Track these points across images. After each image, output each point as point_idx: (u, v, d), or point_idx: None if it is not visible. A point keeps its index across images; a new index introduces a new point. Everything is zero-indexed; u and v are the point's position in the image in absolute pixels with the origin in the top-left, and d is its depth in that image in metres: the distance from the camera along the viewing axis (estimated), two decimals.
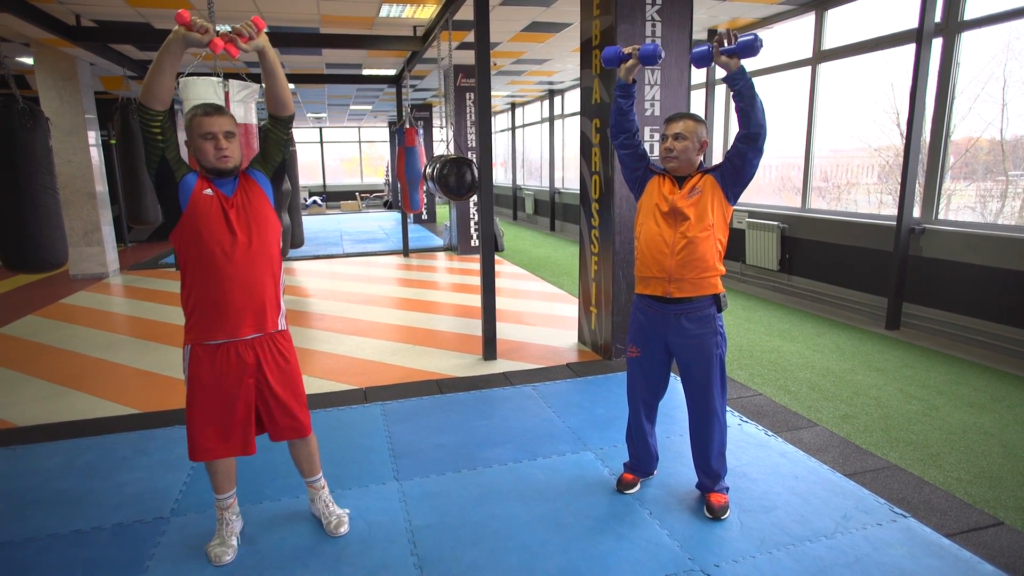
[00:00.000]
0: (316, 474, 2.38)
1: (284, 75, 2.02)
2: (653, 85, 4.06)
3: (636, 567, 2.12)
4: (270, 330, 2.12)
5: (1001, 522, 2.34)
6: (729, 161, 2.26)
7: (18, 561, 2.20)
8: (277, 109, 2.07)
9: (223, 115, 2.00)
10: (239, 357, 2.07)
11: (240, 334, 2.06)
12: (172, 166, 1.97)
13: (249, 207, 2.05)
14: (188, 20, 1.77)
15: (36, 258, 3.92)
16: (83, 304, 6.40)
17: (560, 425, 3.26)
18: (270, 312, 2.11)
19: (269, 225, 2.09)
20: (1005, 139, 4.67)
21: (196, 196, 1.98)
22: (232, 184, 2.06)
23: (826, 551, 2.18)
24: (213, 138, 1.98)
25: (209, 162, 2.00)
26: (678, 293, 2.29)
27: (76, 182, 7.50)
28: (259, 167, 2.13)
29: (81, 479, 2.77)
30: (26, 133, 3.81)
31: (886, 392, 3.72)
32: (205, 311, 2.02)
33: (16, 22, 5.51)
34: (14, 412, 3.57)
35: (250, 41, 1.87)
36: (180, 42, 1.79)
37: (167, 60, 1.82)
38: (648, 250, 2.33)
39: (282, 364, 2.16)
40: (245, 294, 2.03)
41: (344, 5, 5.55)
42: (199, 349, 2.06)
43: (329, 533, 2.33)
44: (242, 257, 2.01)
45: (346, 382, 3.96)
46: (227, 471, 2.22)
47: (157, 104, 1.88)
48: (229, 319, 2.03)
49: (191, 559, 2.20)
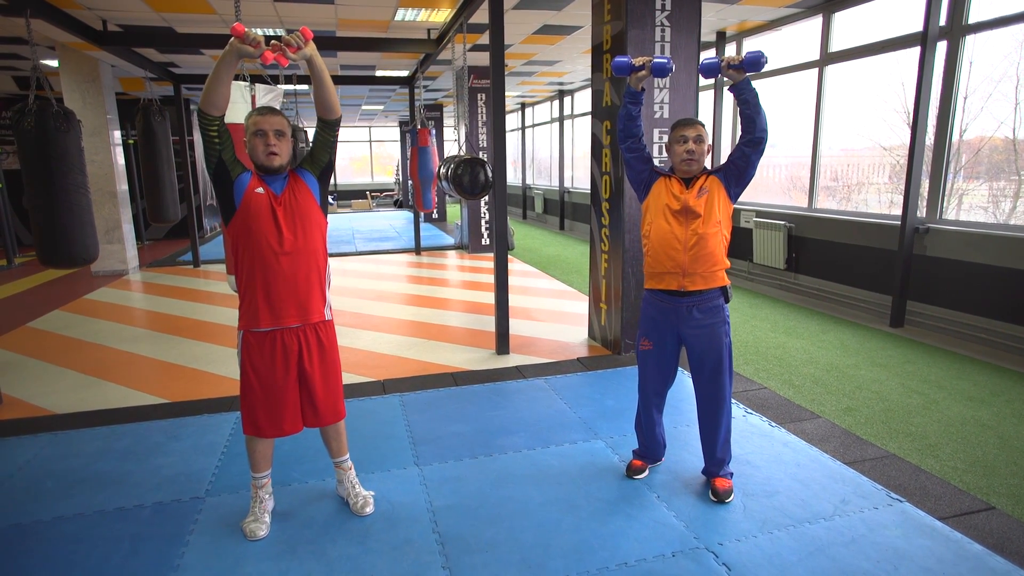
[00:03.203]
0: (344, 455, 2.53)
1: (331, 81, 2.17)
2: (662, 89, 4.19)
3: (644, 545, 2.26)
4: (314, 320, 2.27)
5: (992, 507, 2.47)
6: (733, 163, 2.43)
7: (71, 534, 2.37)
8: (325, 113, 2.22)
9: (275, 115, 2.18)
10: (284, 344, 2.23)
11: (285, 323, 2.21)
12: (228, 166, 2.14)
13: (296, 205, 2.20)
14: (243, 33, 1.93)
15: (69, 254, 4.11)
16: (106, 300, 6.61)
17: (572, 415, 3.40)
18: (314, 303, 2.26)
19: (314, 222, 2.24)
20: (1018, 138, 4.73)
21: (249, 194, 2.15)
22: (282, 182, 2.22)
23: (824, 532, 2.31)
24: (263, 135, 2.14)
25: (259, 158, 2.17)
26: (691, 286, 2.44)
27: (98, 181, 7.70)
28: (308, 167, 2.28)
29: (120, 462, 2.94)
30: (60, 134, 4.00)
31: (888, 387, 3.84)
32: (254, 300, 2.19)
33: (46, 27, 5.71)
34: (51, 401, 3.75)
35: (298, 51, 2.01)
36: (235, 53, 1.95)
37: (223, 70, 1.98)
38: (661, 247, 2.47)
39: (323, 352, 2.32)
40: (290, 286, 2.19)
41: (361, 9, 5.71)
42: (249, 336, 2.23)
43: (356, 513, 2.48)
44: (288, 251, 2.17)
45: (365, 374, 4.11)
46: (266, 452, 2.39)
47: (215, 110, 2.05)
48: (274, 309, 2.19)
49: (228, 534, 2.36)
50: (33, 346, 4.91)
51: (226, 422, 3.38)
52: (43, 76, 4.09)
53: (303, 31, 2.01)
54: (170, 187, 6.96)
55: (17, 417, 3.51)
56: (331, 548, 2.27)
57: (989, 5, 4.54)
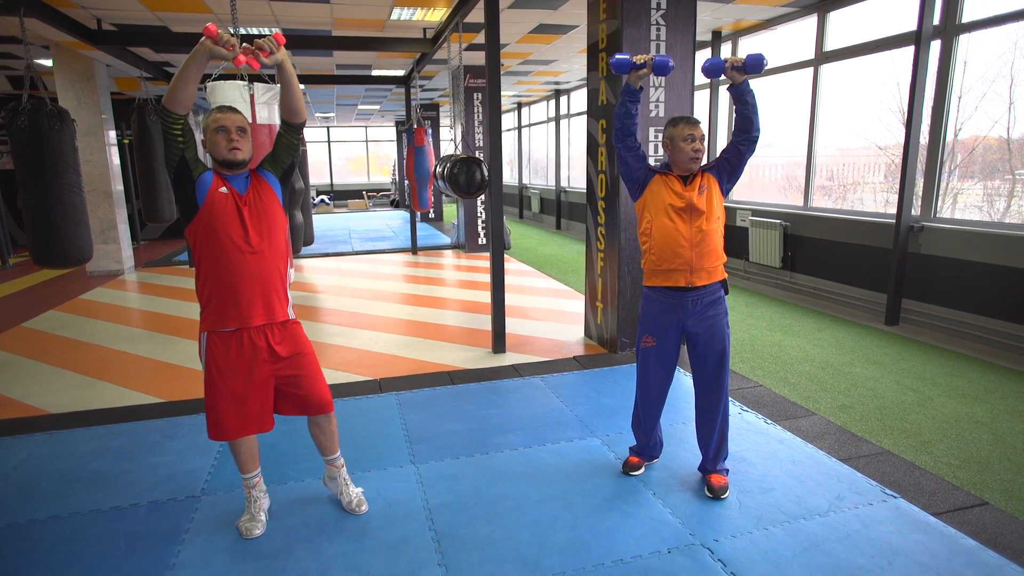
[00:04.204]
0: (335, 452, 2.52)
1: (299, 86, 2.19)
2: (658, 87, 4.20)
3: (641, 541, 2.26)
4: (279, 319, 2.26)
5: (986, 502, 2.48)
6: (726, 160, 2.48)
7: (67, 533, 2.36)
8: (290, 116, 2.24)
9: (236, 113, 2.17)
10: (252, 343, 2.22)
11: (251, 322, 2.20)
12: (190, 164, 2.11)
13: (260, 204, 2.20)
14: (216, 34, 1.92)
15: (63, 254, 4.09)
16: (102, 300, 6.59)
17: (568, 413, 3.41)
18: (280, 302, 2.26)
19: (278, 221, 2.25)
20: (1012, 137, 4.75)
21: (212, 194, 2.13)
22: (244, 182, 2.21)
23: (819, 528, 2.32)
24: (226, 131, 2.14)
25: (221, 154, 2.15)
26: (698, 281, 2.47)
27: (93, 181, 7.68)
28: (269, 167, 2.28)
29: (116, 461, 2.94)
30: (54, 134, 3.99)
31: (883, 384, 3.85)
32: (219, 300, 2.17)
33: (40, 26, 5.69)
34: (46, 400, 3.74)
35: (271, 56, 2.04)
36: (206, 53, 1.95)
37: (193, 69, 1.96)
38: (666, 245, 2.48)
39: (294, 346, 2.30)
40: (257, 286, 2.18)
41: (356, 8, 5.71)
42: (214, 336, 2.21)
43: (350, 511, 2.48)
44: (255, 251, 2.17)
45: (361, 373, 4.11)
46: (250, 451, 2.37)
47: (179, 108, 2.03)
48: (241, 308, 2.17)
49: (224, 533, 2.36)
50: (28, 346, 4.89)
51: None
52: (37, 76, 4.07)
53: (276, 36, 2.03)
54: (166, 187, 6.93)
55: (11, 417, 3.49)
56: (327, 546, 2.27)
57: (982, 4, 4.56)
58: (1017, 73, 4.57)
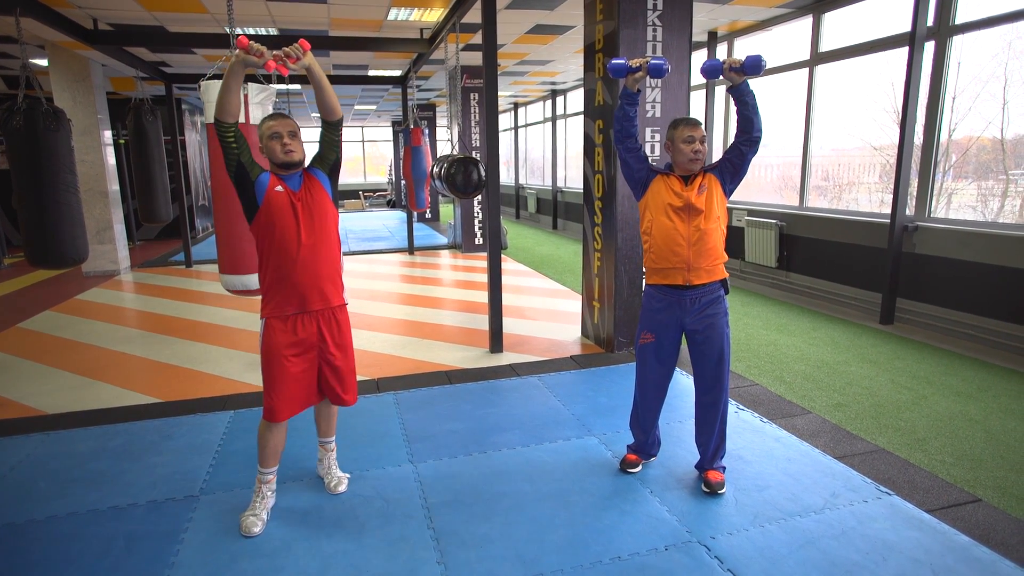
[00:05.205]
0: (332, 435, 2.70)
1: (331, 86, 2.34)
2: (654, 88, 4.22)
3: (638, 539, 2.28)
4: (334, 304, 2.44)
5: (979, 499, 2.51)
6: (729, 160, 2.49)
7: (64, 533, 2.36)
8: (327, 115, 2.40)
9: (286, 118, 2.35)
10: (305, 328, 2.38)
11: (309, 307, 2.37)
12: (247, 167, 2.28)
13: (312, 200, 2.37)
14: (247, 45, 2.10)
15: (59, 254, 4.08)
16: (98, 300, 6.57)
17: (565, 412, 3.42)
18: (335, 289, 2.44)
19: (328, 215, 2.42)
20: (1006, 138, 4.79)
21: (270, 193, 2.31)
22: (298, 180, 2.38)
23: (815, 525, 2.34)
24: (279, 137, 2.30)
25: (278, 158, 2.31)
26: (696, 280, 2.49)
27: (89, 181, 7.66)
28: (319, 165, 2.45)
29: (114, 461, 2.93)
30: (50, 134, 3.98)
31: (878, 382, 3.88)
32: (279, 289, 2.34)
33: (36, 26, 5.68)
34: (43, 401, 3.73)
35: (298, 61, 2.22)
36: (241, 64, 2.15)
37: (232, 80, 2.17)
38: (665, 244, 2.50)
39: (342, 335, 2.48)
40: (312, 275, 2.35)
41: (353, 8, 5.71)
42: (273, 321, 2.37)
43: (329, 491, 2.63)
44: (307, 243, 2.33)
45: (359, 373, 4.10)
46: (276, 447, 2.46)
47: (229, 117, 2.22)
48: (299, 295, 2.35)
49: (223, 532, 2.36)
50: (24, 347, 4.88)
51: (220, 421, 3.38)
52: (33, 76, 4.06)
53: (301, 43, 2.20)
54: (162, 187, 6.93)
55: (8, 418, 3.49)
56: (326, 544, 2.28)
57: (976, 6, 4.60)
58: (1011, 74, 4.61)
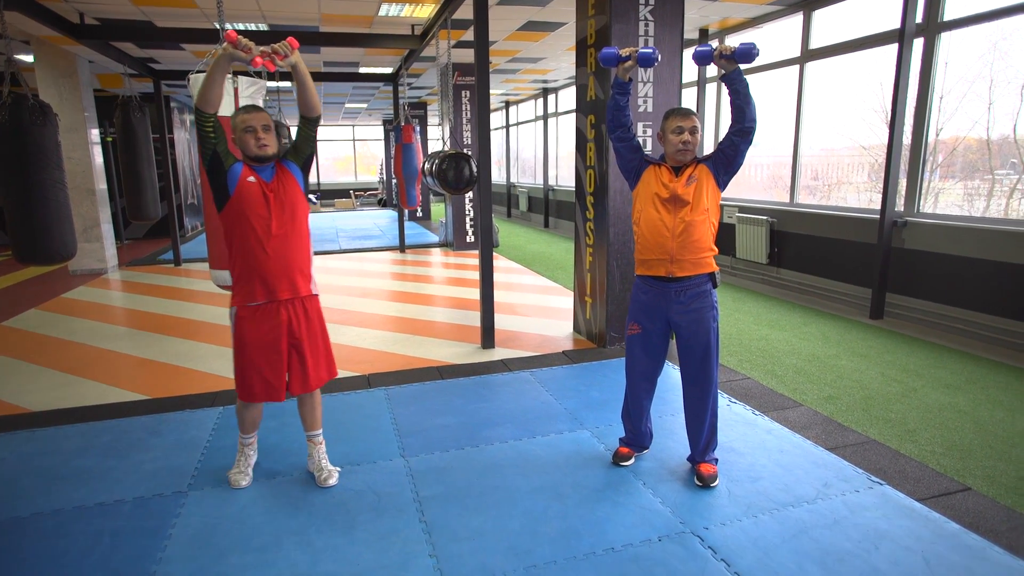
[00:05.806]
0: (318, 429, 2.70)
1: (313, 85, 2.38)
2: (646, 82, 4.22)
3: (631, 530, 2.27)
4: (303, 294, 2.49)
5: (968, 488, 2.52)
6: (722, 152, 2.46)
7: (49, 530, 2.33)
8: (307, 112, 2.45)
9: (259, 111, 2.37)
10: (276, 316, 2.44)
11: (278, 296, 2.42)
12: (222, 157, 2.33)
13: (284, 192, 2.42)
14: (235, 39, 2.11)
15: (47, 251, 4.02)
16: (84, 299, 6.50)
17: (557, 407, 3.41)
18: (303, 279, 2.48)
19: (300, 207, 2.47)
20: (991, 138, 4.83)
21: (242, 183, 2.35)
22: (271, 171, 2.42)
23: (807, 514, 2.34)
24: (253, 131, 2.35)
25: (251, 151, 2.37)
26: (680, 272, 2.47)
27: (76, 179, 7.57)
28: (292, 158, 2.50)
29: (100, 458, 2.89)
30: (36, 129, 3.92)
31: (868, 375, 3.90)
32: (250, 279, 2.39)
33: (21, 20, 5.60)
34: (28, 399, 3.68)
35: (285, 59, 2.26)
36: (227, 58, 2.17)
37: (218, 73, 2.20)
38: (650, 234, 2.49)
39: (310, 322, 2.52)
40: (281, 265, 2.40)
41: (344, 4, 5.67)
42: (243, 310, 2.43)
43: (319, 484, 2.62)
44: (278, 233, 2.38)
45: (350, 369, 4.09)
46: (254, 420, 2.65)
47: (210, 108, 2.26)
48: (268, 286, 2.40)
49: (212, 527, 2.33)
50: (9, 345, 4.81)
51: (208, 417, 3.34)
52: (18, 71, 4.00)
53: (290, 41, 2.24)
54: (150, 185, 6.85)
55: None
56: (316, 538, 2.26)
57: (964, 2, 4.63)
58: (996, 74, 4.65)
